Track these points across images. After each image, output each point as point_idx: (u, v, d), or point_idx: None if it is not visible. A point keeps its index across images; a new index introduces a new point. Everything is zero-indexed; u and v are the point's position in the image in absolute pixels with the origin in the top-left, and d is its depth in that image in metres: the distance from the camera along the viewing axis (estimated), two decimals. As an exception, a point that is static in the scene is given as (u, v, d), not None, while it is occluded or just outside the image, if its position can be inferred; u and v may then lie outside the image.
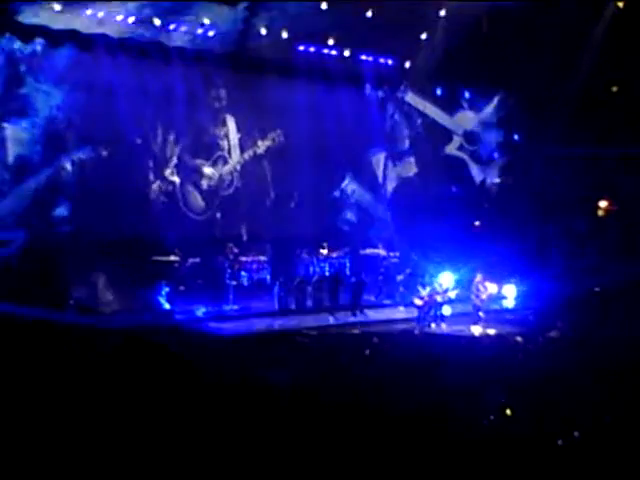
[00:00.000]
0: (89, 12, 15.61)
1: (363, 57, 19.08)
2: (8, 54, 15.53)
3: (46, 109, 15.90)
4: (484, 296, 15.92)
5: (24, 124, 15.80)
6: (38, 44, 15.65)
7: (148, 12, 15.95)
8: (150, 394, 6.41)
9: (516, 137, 20.82)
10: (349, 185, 20.23)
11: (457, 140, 20.96)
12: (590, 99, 18.76)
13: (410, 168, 20.69)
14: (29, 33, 15.46)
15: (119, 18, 15.89)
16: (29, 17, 15.12)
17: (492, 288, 16.24)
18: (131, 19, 15.96)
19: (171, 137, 17.63)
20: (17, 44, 15.50)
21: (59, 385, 7.11)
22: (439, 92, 20.45)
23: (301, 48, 18.13)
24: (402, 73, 19.94)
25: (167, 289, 15.61)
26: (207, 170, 18.37)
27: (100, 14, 15.66)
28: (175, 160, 17.80)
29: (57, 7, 15.21)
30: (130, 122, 16.48)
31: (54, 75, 15.92)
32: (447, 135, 20.97)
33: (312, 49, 18.33)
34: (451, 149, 21.03)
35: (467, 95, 20.69)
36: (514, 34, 17.68)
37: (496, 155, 21.02)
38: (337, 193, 20.10)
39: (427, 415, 8.28)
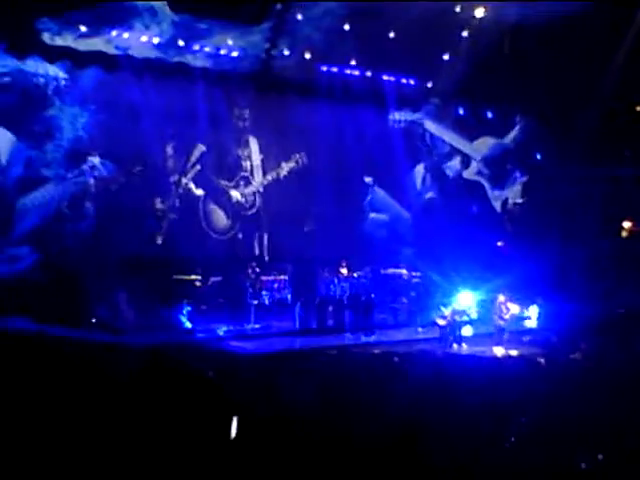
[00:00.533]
0: (114, 33, 15.84)
1: (385, 77, 19.13)
2: (33, 75, 15.75)
3: (71, 130, 16.10)
4: (507, 317, 15.82)
5: (50, 146, 16.02)
6: (63, 65, 15.90)
7: (173, 33, 16.12)
8: (175, 412, 6.42)
9: (538, 157, 20.78)
10: (371, 205, 20.28)
11: (475, 165, 20.95)
12: (614, 119, 18.68)
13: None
14: (54, 54, 15.68)
15: (144, 39, 16.11)
16: (54, 38, 15.34)
17: (514, 309, 16.14)
18: (156, 40, 16.17)
19: (194, 157, 17.78)
20: (42, 65, 15.73)
21: (83, 403, 7.14)
22: (461, 112, 20.47)
23: (324, 69, 18.22)
24: (424, 94, 19.98)
25: (188, 308, 15.65)
26: (230, 190, 18.51)
27: (125, 35, 15.89)
28: (198, 180, 17.93)
29: (83, 28, 15.45)
30: (153, 141, 16.68)
31: (79, 96, 16.15)
32: (466, 161, 20.98)
33: (334, 69, 18.42)
34: (469, 174, 21.01)
35: (489, 115, 20.70)
36: (536, 54, 17.66)
37: (518, 175, 20.97)
38: (359, 214, 20.13)
39: (448, 435, 8.24)
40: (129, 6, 15.24)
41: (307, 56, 17.51)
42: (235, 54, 17.11)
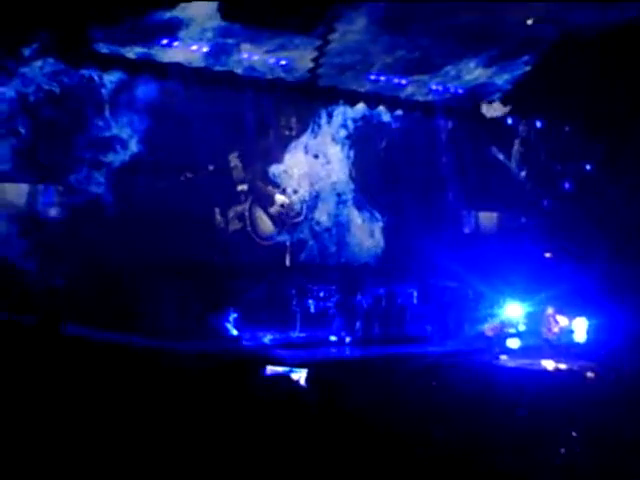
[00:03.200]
0: (165, 41, 15.98)
1: (433, 86, 19.00)
2: (87, 84, 15.99)
3: (127, 139, 16.31)
4: (556, 329, 15.64)
5: (110, 157, 16.24)
6: (117, 73, 16.13)
7: (222, 42, 16.19)
8: (234, 419, 6.46)
9: (588, 167, 20.49)
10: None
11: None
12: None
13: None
14: (107, 62, 15.87)
15: (194, 48, 16.22)
16: (106, 46, 15.53)
17: (563, 321, 15.95)
18: (205, 48, 16.26)
19: (241, 164, 17.89)
20: (96, 74, 15.99)
21: (142, 410, 7.20)
22: (510, 121, 20.29)
23: (372, 77, 18.17)
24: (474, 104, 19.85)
25: (235, 315, 15.72)
26: (277, 197, 18.56)
27: (175, 43, 16.00)
28: (245, 187, 18.04)
29: (133, 38, 15.58)
30: (203, 149, 16.78)
31: (133, 105, 16.36)
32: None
33: (382, 78, 18.35)
34: None
35: (538, 125, 20.48)
36: (585, 61, 17.40)
37: (567, 186, 20.71)
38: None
39: (496, 448, 8.18)
40: (174, 18, 15.34)
41: (356, 65, 17.44)
42: (284, 62, 17.12)
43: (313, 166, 19.03)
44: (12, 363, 8.14)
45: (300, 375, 9.45)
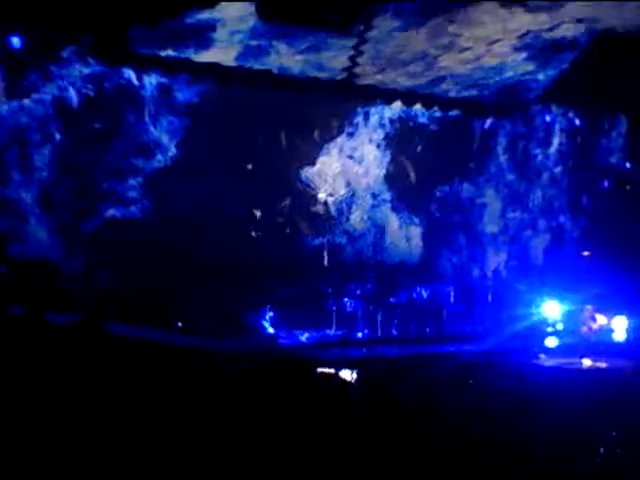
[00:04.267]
0: (201, 42, 16.05)
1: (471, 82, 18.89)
2: (126, 87, 16.16)
3: (166, 143, 16.48)
4: (595, 328, 15.54)
5: (148, 161, 16.43)
6: (155, 75, 16.25)
7: (257, 42, 16.25)
8: (285, 420, 6.52)
9: (628, 165, 20.28)
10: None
11: None
12: None
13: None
14: (146, 63, 15.95)
15: (229, 48, 16.27)
16: (147, 47, 15.65)
17: (602, 320, 15.84)
18: (239, 48, 16.27)
19: (280, 164, 17.97)
20: (135, 76, 16.12)
21: (183, 407, 7.28)
22: (548, 119, 20.14)
23: (410, 72, 18.08)
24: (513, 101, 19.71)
25: (271, 313, 15.82)
26: (316, 196, 18.63)
27: (211, 43, 16.07)
28: (284, 187, 18.11)
29: (171, 39, 15.70)
30: (241, 149, 16.90)
31: (172, 107, 16.51)
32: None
33: (421, 71, 18.23)
34: None
35: (577, 123, 20.31)
36: (627, 59, 17.22)
37: (606, 184, 20.52)
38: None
39: (535, 448, 8.16)
40: (210, 19, 15.41)
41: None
42: (318, 61, 17.13)
43: (349, 167, 19.06)
44: (58, 360, 8.31)
45: (346, 373, 9.52)
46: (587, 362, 15.02)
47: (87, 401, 7.38)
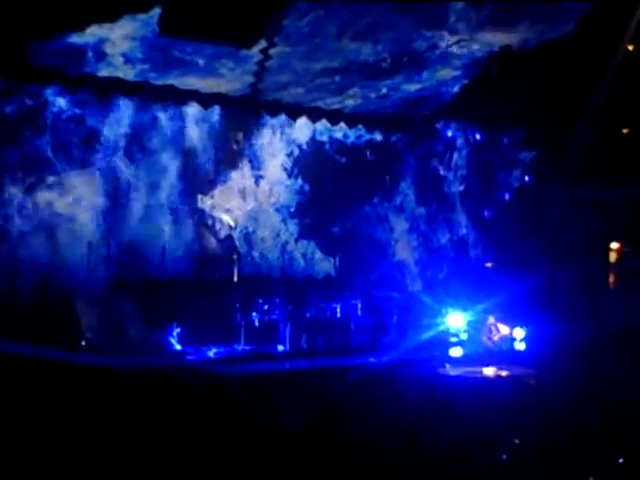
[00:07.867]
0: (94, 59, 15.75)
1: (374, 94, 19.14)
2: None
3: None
4: (497, 337, 15.88)
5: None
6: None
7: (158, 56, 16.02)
8: (168, 434, 6.45)
9: (527, 178, 20.89)
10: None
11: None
12: (602, 141, 18.78)
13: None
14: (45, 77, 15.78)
15: (128, 64, 15.99)
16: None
17: (504, 330, 16.19)
18: (139, 65, 16.03)
19: (182, 182, 18.04)
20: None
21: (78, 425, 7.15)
22: (450, 134, 20.61)
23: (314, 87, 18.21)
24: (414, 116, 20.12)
25: (178, 330, 15.63)
26: (222, 216, 18.65)
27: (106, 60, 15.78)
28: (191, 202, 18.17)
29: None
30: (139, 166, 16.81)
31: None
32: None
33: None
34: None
35: (477, 137, 20.83)
36: (525, 75, 17.74)
37: (507, 197, 21.09)
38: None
39: (439, 455, 8.28)
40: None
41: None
42: (223, 77, 17.06)
43: (258, 183, 19.13)
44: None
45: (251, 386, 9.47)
46: (489, 371, 15.33)
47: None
